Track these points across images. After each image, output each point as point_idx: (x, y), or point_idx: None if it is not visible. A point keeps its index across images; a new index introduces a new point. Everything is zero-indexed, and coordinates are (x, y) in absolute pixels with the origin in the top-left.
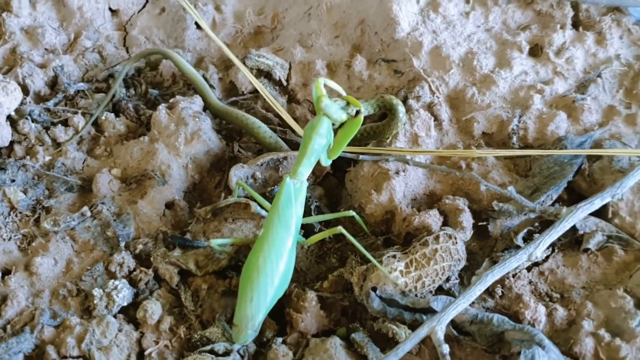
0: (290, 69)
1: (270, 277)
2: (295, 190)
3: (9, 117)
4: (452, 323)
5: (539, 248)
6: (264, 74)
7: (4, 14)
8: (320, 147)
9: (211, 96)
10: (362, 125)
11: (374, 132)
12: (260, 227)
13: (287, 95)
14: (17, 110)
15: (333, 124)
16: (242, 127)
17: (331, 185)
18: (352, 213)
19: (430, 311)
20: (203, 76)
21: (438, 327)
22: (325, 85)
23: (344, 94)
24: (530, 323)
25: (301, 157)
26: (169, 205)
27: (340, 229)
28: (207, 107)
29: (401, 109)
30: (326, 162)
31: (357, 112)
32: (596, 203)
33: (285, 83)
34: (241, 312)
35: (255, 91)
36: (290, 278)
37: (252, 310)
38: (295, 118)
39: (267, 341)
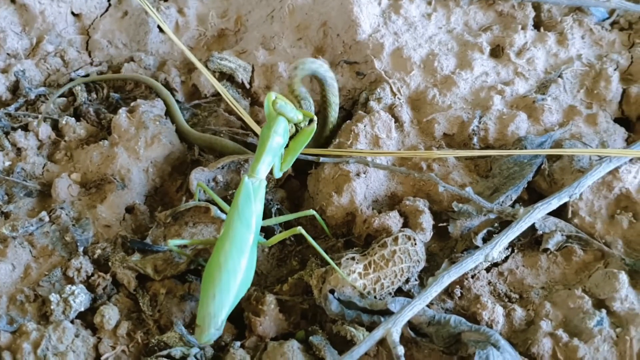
0: (253, 71)
1: (232, 274)
2: (254, 189)
3: None
4: (410, 324)
5: (496, 248)
6: (226, 76)
7: None
8: (279, 146)
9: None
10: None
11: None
12: (220, 231)
13: (249, 98)
14: None
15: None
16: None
17: (293, 187)
18: (312, 212)
19: (388, 313)
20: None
21: (393, 329)
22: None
23: (294, 110)
24: (488, 324)
25: (259, 156)
26: (129, 209)
27: (299, 229)
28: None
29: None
30: (278, 174)
31: (310, 121)
32: (553, 203)
33: (248, 86)
34: (204, 311)
35: (217, 94)
36: (252, 276)
37: (215, 309)
38: (258, 121)
39: (225, 345)
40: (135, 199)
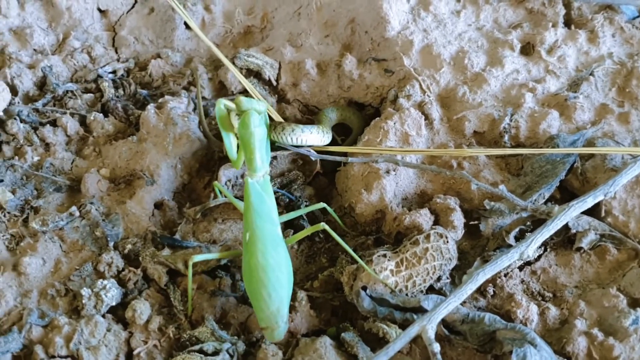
0: (279, 68)
1: (278, 269)
2: (261, 186)
3: None
4: (443, 322)
5: (531, 247)
6: (253, 73)
7: None
8: (263, 137)
9: None
10: None
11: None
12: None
13: (276, 95)
14: (5, 111)
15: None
16: None
17: (321, 185)
18: (323, 205)
19: (421, 310)
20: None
21: (429, 326)
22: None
23: (257, 101)
24: (523, 322)
25: (251, 155)
26: (158, 205)
27: (323, 225)
28: None
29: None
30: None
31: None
32: (589, 201)
33: (274, 83)
34: (265, 312)
35: (244, 91)
36: (291, 264)
37: (276, 305)
38: (285, 118)
39: (256, 341)
40: (163, 195)
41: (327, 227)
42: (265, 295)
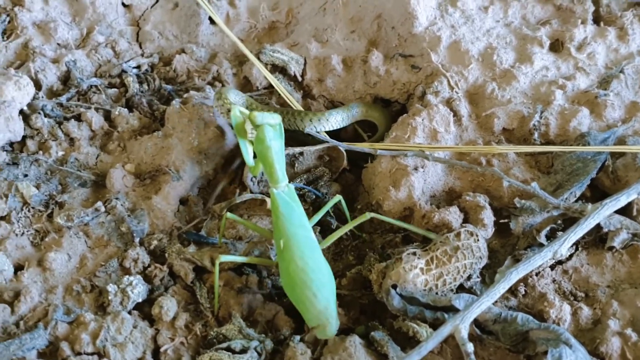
0: (305, 64)
1: (319, 270)
2: (287, 195)
3: (21, 112)
4: (475, 322)
5: (564, 245)
6: (278, 69)
7: (16, 9)
8: (281, 148)
9: None
10: None
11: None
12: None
13: (302, 91)
14: (29, 105)
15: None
16: None
17: (347, 181)
18: (339, 197)
19: (452, 309)
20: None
21: (462, 326)
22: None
23: (270, 114)
24: (555, 322)
25: (271, 168)
26: (183, 201)
27: (369, 214)
28: None
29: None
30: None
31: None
32: (622, 200)
33: (300, 78)
34: (312, 312)
35: (269, 87)
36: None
37: (323, 304)
38: None
39: (284, 339)
40: (189, 190)
41: (375, 215)
42: (310, 295)
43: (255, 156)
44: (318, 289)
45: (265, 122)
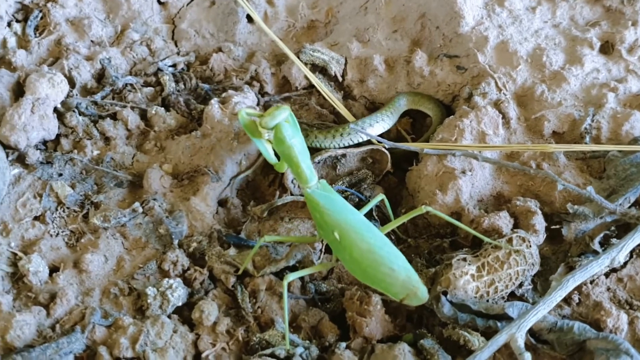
0: (346, 64)
1: (383, 244)
2: (323, 190)
3: (55, 110)
4: (529, 331)
5: (622, 253)
6: (318, 69)
7: (49, 5)
8: (302, 144)
9: None
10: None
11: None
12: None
13: (342, 92)
14: (63, 103)
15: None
16: None
17: (391, 184)
18: (382, 196)
19: (504, 318)
20: None
21: (518, 335)
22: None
23: (279, 113)
24: (612, 331)
25: (297, 168)
26: (222, 202)
27: (424, 208)
28: None
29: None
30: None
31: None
32: None
33: (340, 79)
34: (396, 287)
35: (309, 87)
36: None
37: (403, 274)
38: (353, 114)
39: (329, 346)
40: (227, 192)
41: (430, 209)
42: (387, 270)
43: (276, 154)
44: (392, 261)
45: (280, 120)
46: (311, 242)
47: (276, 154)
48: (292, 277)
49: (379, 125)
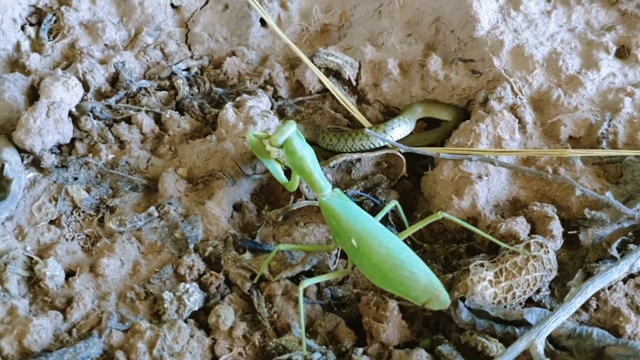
0: (359, 68)
1: (402, 248)
2: (338, 197)
3: (69, 114)
4: (548, 337)
5: None
6: (332, 73)
7: (62, 8)
8: (312, 154)
9: None
10: None
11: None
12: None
13: (356, 96)
14: (77, 107)
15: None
16: None
17: (406, 189)
18: (395, 202)
19: (523, 324)
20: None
21: (538, 341)
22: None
23: (286, 128)
24: (631, 338)
25: (310, 178)
26: (237, 207)
27: (440, 214)
28: None
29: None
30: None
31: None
32: None
33: (354, 83)
34: (417, 290)
35: (322, 91)
36: None
37: (424, 277)
38: (367, 118)
39: (346, 351)
40: (242, 196)
41: (446, 215)
42: (407, 274)
43: (286, 171)
44: (412, 265)
45: (288, 135)
46: (327, 249)
47: (286, 174)
48: (307, 282)
49: (400, 129)
